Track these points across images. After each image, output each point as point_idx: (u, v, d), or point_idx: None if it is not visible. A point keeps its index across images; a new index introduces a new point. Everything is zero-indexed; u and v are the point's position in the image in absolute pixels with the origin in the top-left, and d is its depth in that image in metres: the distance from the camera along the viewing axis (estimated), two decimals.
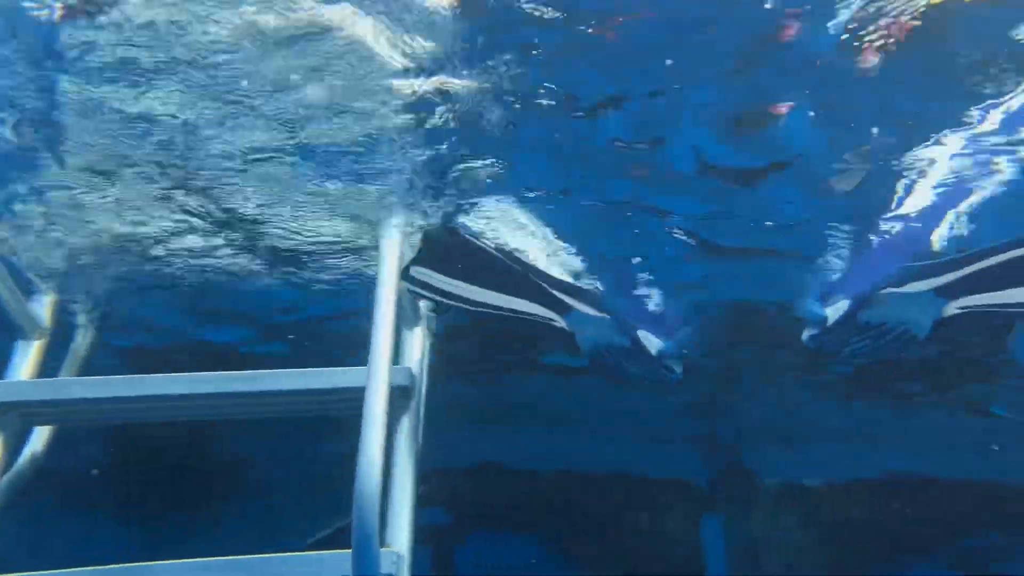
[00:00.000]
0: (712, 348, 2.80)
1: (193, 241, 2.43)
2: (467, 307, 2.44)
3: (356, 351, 1.98)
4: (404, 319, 2.33)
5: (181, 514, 2.32)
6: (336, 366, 2.09)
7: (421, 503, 3.12)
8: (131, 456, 2.73)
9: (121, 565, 1.70)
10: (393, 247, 2.02)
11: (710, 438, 3.16)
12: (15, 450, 2.01)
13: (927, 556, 3.29)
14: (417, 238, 2.27)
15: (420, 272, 2.21)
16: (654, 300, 2.69)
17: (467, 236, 2.30)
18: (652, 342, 2.47)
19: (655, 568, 3.11)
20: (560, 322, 2.44)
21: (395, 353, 2.16)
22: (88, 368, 2.25)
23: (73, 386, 1.98)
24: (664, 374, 2.48)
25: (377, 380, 1.93)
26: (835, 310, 2.39)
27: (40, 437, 2.08)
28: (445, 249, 2.30)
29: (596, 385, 3.00)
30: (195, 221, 2.35)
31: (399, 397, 2.19)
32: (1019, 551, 3.21)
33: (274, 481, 2.93)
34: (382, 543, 1.94)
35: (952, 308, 2.26)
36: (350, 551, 1.77)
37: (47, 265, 2.30)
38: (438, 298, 2.34)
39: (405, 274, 2.13)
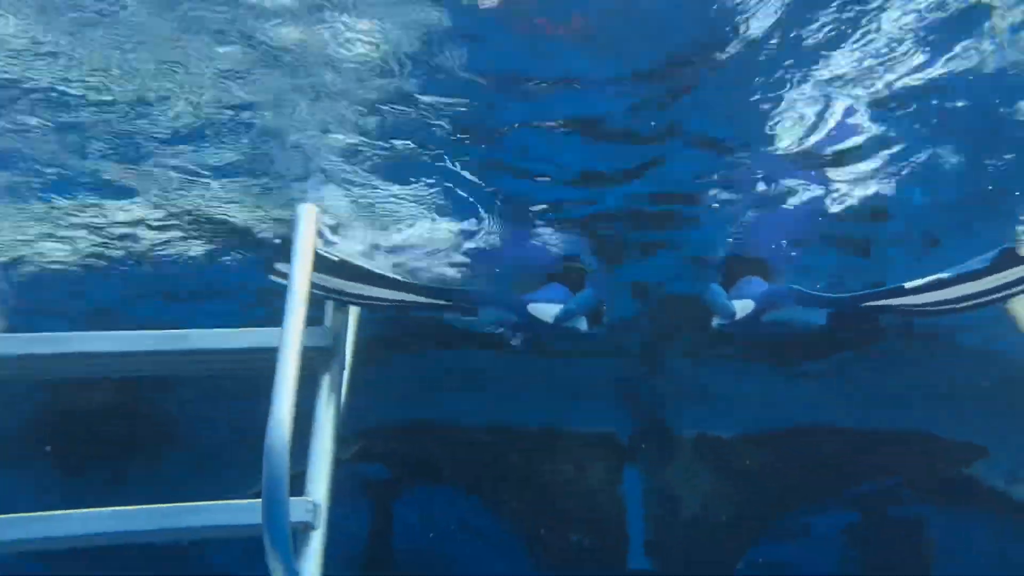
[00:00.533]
0: (624, 321, 2.88)
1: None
2: (363, 303, 2.38)
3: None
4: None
5: (111, 468, 2.38)
6: None
7: (361, 459, 3.25)
8: (59, 413, 2.79)
9: (42, 513, 1.77)
10: (310, 214, 2.08)
11: (631, 396, 3.30)
12: None
13: (828, 499, 3.51)
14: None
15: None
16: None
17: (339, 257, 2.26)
18: (546, 311, 2.42)
19: (580, 514, 3.27)
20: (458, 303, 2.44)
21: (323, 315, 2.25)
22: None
23: (15, 344, 2.04)
24: (568, 332, 2.46)
25: (290, 340, 1.97)
26: (742, 307, 2.45)
27: None
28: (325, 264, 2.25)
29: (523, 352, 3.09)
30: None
31: (319, 356, 2.26)
32: (907, 493, 3.45)
33: (207, 438, 2.99)
34: (304, 494, 2.03)
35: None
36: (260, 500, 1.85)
37: None
38: (331, 296, 2.29)
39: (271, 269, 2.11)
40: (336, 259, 2.26)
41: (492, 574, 4.02)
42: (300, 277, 2.12)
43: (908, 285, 2.05)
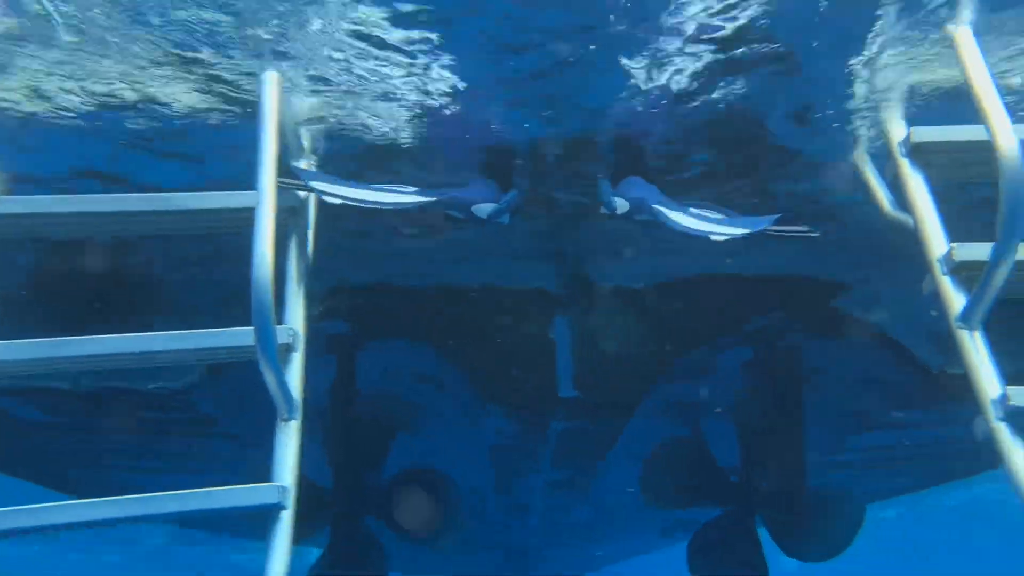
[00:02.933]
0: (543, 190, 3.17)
1: None
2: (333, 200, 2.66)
3: None
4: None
5: (102, 325, 2.62)
6: None
7: (324, 317, 3.55)
8: (51, 274, 3.01)
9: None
10: (273, 81, 2.29)
11: (558, 254, 3.66)
12: None
13: (727, 336, 4.00)
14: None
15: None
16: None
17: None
18: (483, 210, 2.82)
19: (518, 356, 3.68)
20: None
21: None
22: None
23: (11, 205, 2.25)
24: (497, 224, 2.90)
25: (265, 196, 2.23)
26: (621, 206, 2.84)
27: None
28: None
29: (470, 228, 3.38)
30: None
31: (289, 216, 2.54)
32: (793, 326, 3.96)
33: (190, 298, 3.23)
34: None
35: None
36: (252, 327, 2.16)
37: None
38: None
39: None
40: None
41: (444, 409, 4.48)
42: (269, 142, 2.33)
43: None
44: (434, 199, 2.72)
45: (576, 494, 6.32)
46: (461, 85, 2.58)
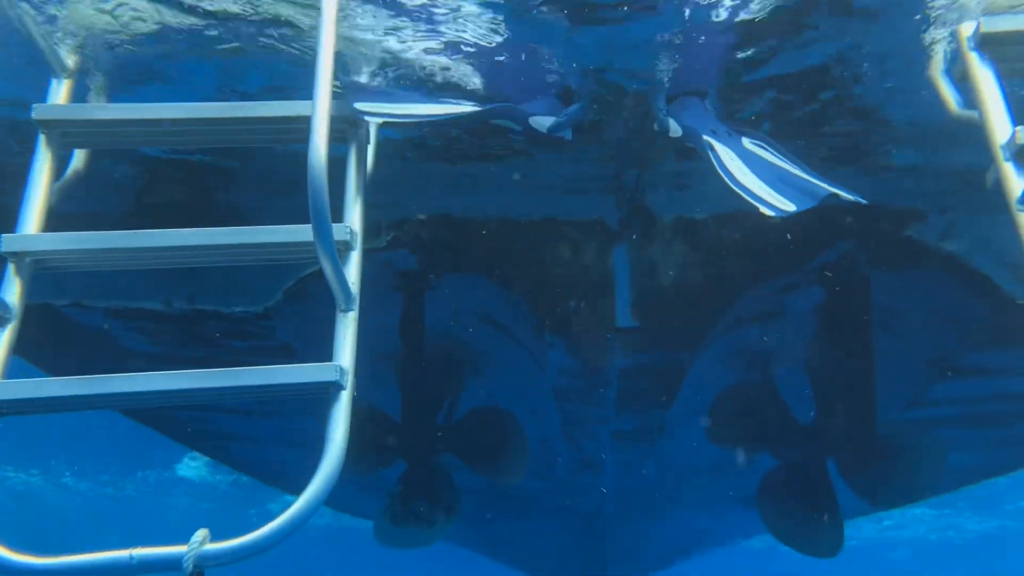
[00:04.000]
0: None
1: None
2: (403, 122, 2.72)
3: None
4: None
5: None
6: None
7: (391, 247, 3.66)
8: (149, 187, 3.25)
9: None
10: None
11: (617, 186, 3.65)
12: (59, 169, 2.50)
13: (793, 268, 3.88)
14: None
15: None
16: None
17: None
18: (542, 123, 2.80)
19: (578, 286, 3.70)
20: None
21: None
22: None
23: (102, 111, 2.45)
24: (557, 137, 2.86)
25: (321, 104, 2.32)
26: (674, 129, 2.78)
27: (80, 158, 2.59)
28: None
29: (531, 156, 3.43)
30: None
31: (346, 125, 2.63)
32: (863, 258, 3.80)
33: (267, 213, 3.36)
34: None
35: None
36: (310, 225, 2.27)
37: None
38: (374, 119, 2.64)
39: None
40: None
41: (508, 349, 4.54)
42: (326, 53, 2.41)
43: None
44: (491, 108, 2.75)
45: (645, 450, 6.27)
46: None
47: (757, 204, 2.59)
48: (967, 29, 2.37)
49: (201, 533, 1.96)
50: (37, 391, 2.05)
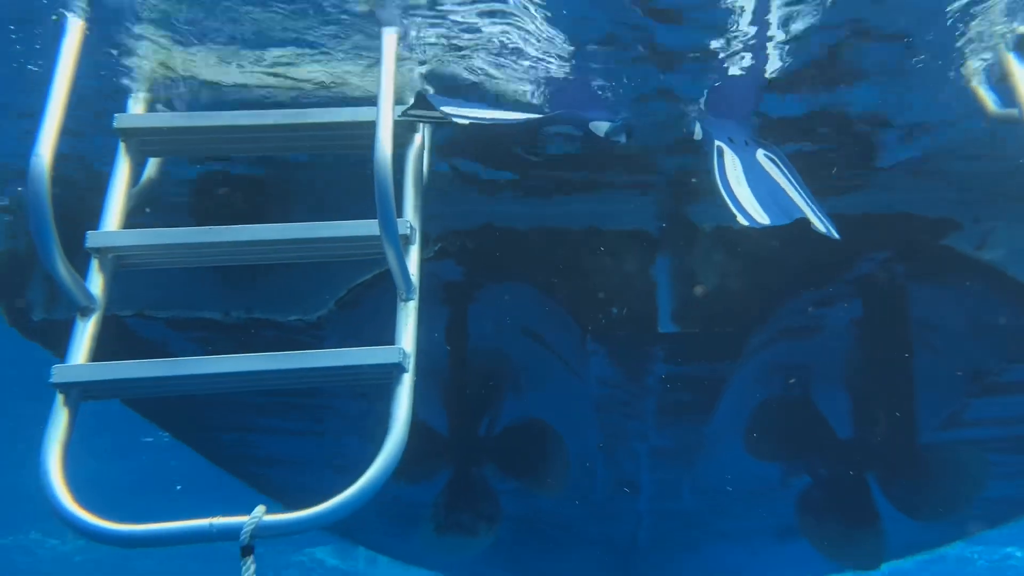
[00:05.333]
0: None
1: None
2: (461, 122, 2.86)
3: None
4: None
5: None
6: None
7: (437, 256, 3.76)
8: (217, 188, 3.39)
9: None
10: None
11: (659, 196, 3.73)
12: (136, 175, 2.64)
13: (832, 278, 3.90)
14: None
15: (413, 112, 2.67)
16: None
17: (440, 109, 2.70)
18: (600, 127, 2.94)
19: (620, 294, 3.75)
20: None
21: None
22: None
23: (177, 119, 2.60)
24: (612, 144, 3.01)
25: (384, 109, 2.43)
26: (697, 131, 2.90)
27: (154, 166, 2.73)
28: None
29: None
30: None
31: (405, 129, 2.75)
32: (900, 268, 3.82)
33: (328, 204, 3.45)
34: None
35: None
36: (376, 220, 2.37)
37: None
38: (432, 121, 2.78)
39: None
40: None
41: (550, 360, 4.58)
42: (387, 66, 2.52)
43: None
44: (553, 115, 2.85)
45: (682, 470, 6.22)
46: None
47: (736, 211, 2.74)
48: (1004, 29, 2.43)
49: (260, 508, 2.01)
50: (123, 372, 2.15)
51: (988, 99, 2.59)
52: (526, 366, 4.74)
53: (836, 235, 2.85)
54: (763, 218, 2.76)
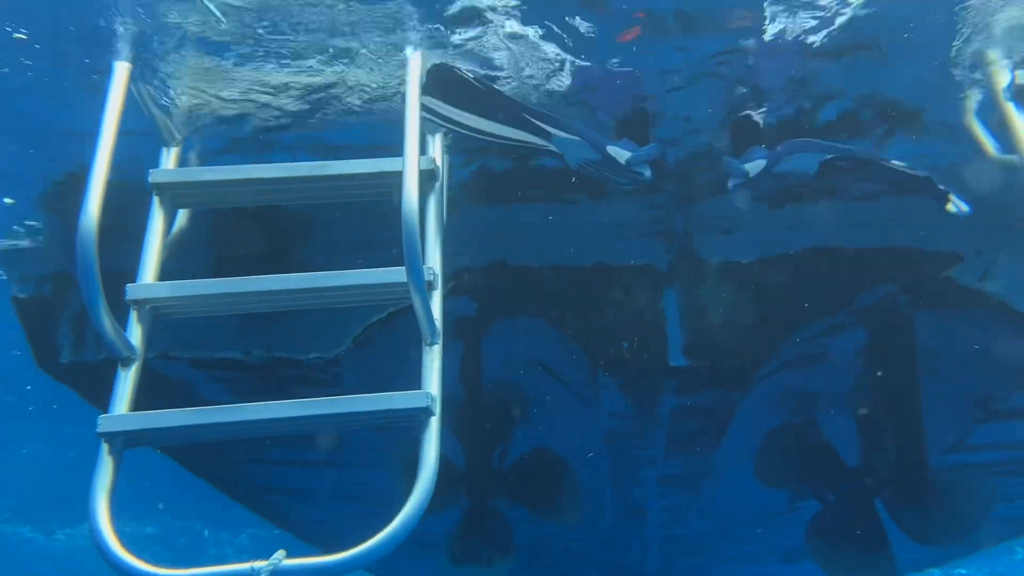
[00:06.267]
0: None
1: None
2: (467, 133, 2.99)
3: None
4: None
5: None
6: None
7: (451, 295, 3.84)
8: (247, 236, 3.48)
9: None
10: (417, 59, 2.63)
11: (667, 232, 3.82)
12: (168, 226, 2.73)
13: (836, 311, 3.98)
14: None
15: (426, 100, 2.76)
16: None
17: (460, 72, 2.84)
18: (621, 154, 2.99)
19: (630, 328, 3.83)
20: (550, 146, 3.05)
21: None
22: None
23: (207, 174, 2.69)
24: (635, 177, 3.05)
25: (410, 161, 2.54)
26: (754, 167, 2.98)
27: (183, 216, 2.82)
28: (444, 81, 2.83)
29: (581, 202, 3.64)
30: None
31: (426, 179, 2.85)
32: (904, 300, 3.90)
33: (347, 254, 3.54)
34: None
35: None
36: (403, 267, 2.45)
37: None
38: (442, 123, 2.89)
39: None
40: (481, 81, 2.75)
41: (561, 393, 4.64)
42: (412, 116, 2.63)
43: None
44: (576, 138, 2.90)
45: (690, 497, 6.26)
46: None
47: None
48: (1001, 79, 2.54)
49: (280, 553, 2.06)
50: (164, 421, 2.22)
51: (988, 143, 2.69)
52: (537, 399, 4.80)
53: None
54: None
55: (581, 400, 4.62)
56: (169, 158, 2.77)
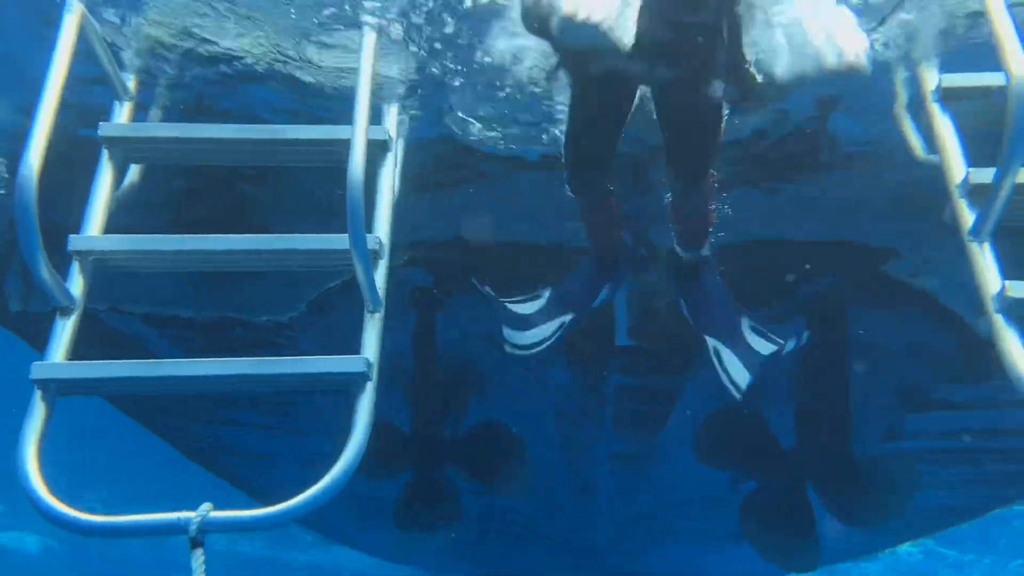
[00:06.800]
0: None
1: None
2: None
3: None
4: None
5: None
6: None
7: (408, 264, 3.86)
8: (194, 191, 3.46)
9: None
10: (371, 29, 2.62)
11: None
12: (118, 181, 2.71)
13: (779, 300, 4.08)
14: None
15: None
16: None
17: None
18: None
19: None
20: None
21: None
22: None
23: (159, 130, 2.68)
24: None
25: (359, 129, 2.53)
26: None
27: (135, 172, 2.80)
28: None
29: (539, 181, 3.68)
30: None
31: (378, 149, 2.86)
32: (843, 291, 4.01)
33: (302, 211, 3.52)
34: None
35: None
36: (347, 235, 2.47)
37: None
38: None
39: None
40: None
41: (512, 367, 4.70)
42: (364, 84, 2.63)
43: None
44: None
45: (639, 475, 6.39)
46: None
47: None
48: (930, 83, 2.61)
49: (207, 505, 2.07)
50: (99, 372, 2.23)
51: (917, 144, 2.77)
52: (490, 372, 4.86)
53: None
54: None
55: (532, 376, 4.69)
56: (122, 112, 2.74)
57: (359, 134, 2.50)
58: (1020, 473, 5.95)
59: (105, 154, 2.66)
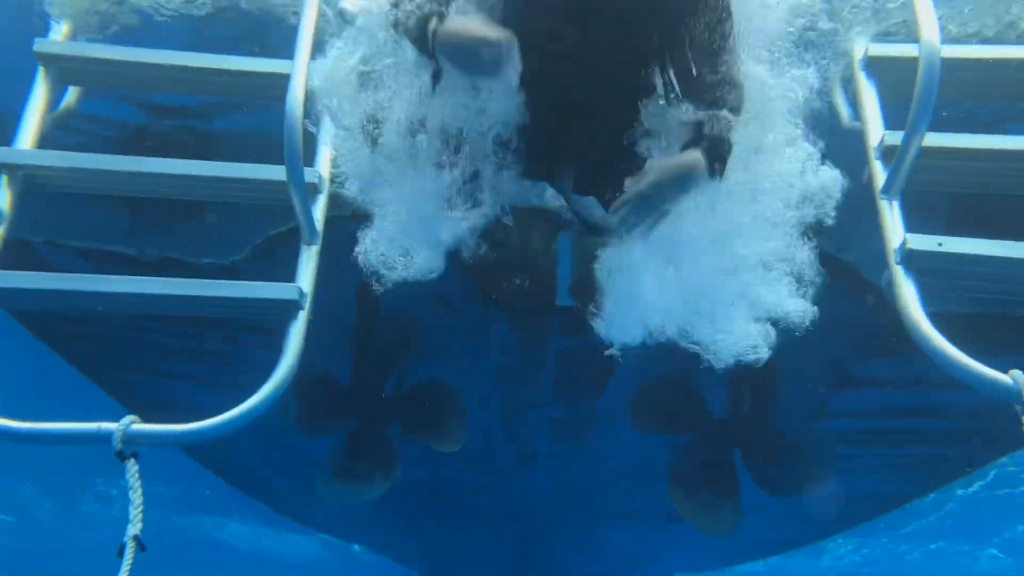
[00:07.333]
0: None
1: None
2: None
3: None
4: None
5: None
6: None
7: (354, 216, 3.82)
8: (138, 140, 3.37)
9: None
10: None
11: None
12: (54, 101, 2.64)
13: None
14: None
15: None
16: None
17: None
18: None
19: (523, 268, 3.93)
20: None
21: None
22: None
23: (97, 51, 2.61)
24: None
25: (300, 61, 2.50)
26: None
27: (71, 94, 2.73)
28: None
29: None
30: None
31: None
32: None
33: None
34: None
35: None
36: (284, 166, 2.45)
37: None
38: None
39: None
40: None
41: (454, 325, 4.73)
42: (309, 17, 2.58)
43: None
44: None
45: (578, 443, 6.47)
46: None
47: None
48: (858, 51, 2.70)
49: (129, 417, 2.07)
50: (19, 282, 2.18)
51: (843, 110, 2.85)
52: (432, 330, 4.87)
53: None
54: None
55: (474, 335, 4.72)
56: (59, 31, 2.66)
57: (300, 65, 2.48)
58: (944, 457, 6.11)
59: (40, 72, 2.59)
